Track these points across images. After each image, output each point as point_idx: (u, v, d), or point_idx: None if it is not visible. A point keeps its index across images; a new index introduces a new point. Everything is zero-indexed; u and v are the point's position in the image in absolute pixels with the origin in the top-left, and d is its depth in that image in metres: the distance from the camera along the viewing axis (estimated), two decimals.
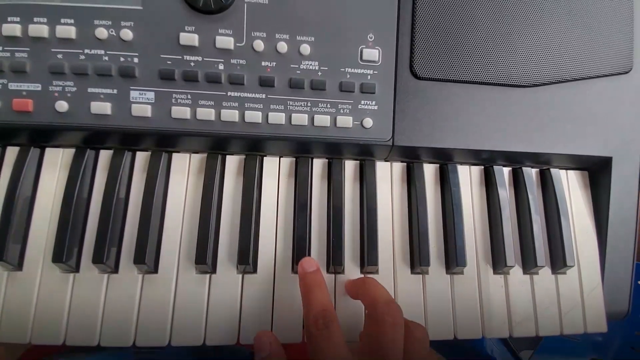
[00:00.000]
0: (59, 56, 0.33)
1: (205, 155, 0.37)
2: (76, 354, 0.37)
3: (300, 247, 0.35)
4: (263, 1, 0.34)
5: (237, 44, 0.34)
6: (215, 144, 0.36)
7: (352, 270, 0.36)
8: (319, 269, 0.33)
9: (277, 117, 0.35)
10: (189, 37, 0.33)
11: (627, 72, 0.40)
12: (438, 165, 0.40)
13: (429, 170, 0.40)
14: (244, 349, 0.44)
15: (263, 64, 0.34)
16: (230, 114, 0.34)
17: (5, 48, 0.33)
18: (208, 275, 0.35)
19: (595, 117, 0.39)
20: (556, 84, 0.39)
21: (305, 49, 0.35)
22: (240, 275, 0.35)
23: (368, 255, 0.35)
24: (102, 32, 0.33)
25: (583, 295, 0.39)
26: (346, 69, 0.35)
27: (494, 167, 0.40)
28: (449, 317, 0.36)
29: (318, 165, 0.39)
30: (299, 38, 0.35)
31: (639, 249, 0.41)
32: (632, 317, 0.41)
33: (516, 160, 0.40)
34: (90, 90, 0.33)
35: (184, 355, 0.41)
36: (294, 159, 0.38)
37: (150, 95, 0.34)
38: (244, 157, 0.38)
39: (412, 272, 0.37)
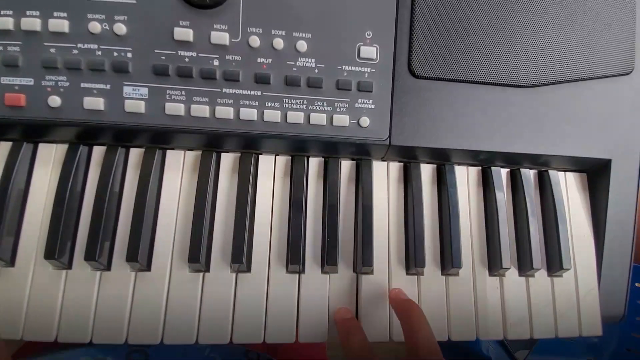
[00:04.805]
0: (52, 50, 0.32)
1: (199, 152, 0.37)
2: (62, 351, 0.37)
3: (295, 246, 0.35)
4: None
5: (233, 40, 0.34)
6: (210, 141, 0.36)
7: (346, 271, 0.36)
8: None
9: (273, 115, 0.34)
10: (183, 32, 0.33)
11: (628, 74, 0.39)
12: (435, 165, 0.40)
13: (426, 171, 0.39)
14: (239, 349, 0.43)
15: (259, 60, 0.34)
16: (225, 111, 0.34)
17: None
18: (201, 274, 0.34)
19: (595, 118, 0.39)
20: (556, 85, 0.38)
21: (302, 45, 0.34)
22: (234, 275, 0.35)
23: (363, 255, 0.35)
24: (95, 26, 0.32)
25: (579, 298, 0.39)
26: (343, 66, 0.35)
27: (492, 168, 0.39)
28: (443, 318, 0.36)
29: (314, 164, 0.38)
30: (296, 34, 0.34)
31: (637, 251, 0.41)
32: (628, 318, 0.40)
33: (514, 161, 0.40)
34: (83, 85, 0.33)
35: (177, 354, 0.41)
36: (290, 157, 0.38)
37: (144, 91, 0.33)
38: (239, 155, 0.37)
39: (407, 273, 0.37)
